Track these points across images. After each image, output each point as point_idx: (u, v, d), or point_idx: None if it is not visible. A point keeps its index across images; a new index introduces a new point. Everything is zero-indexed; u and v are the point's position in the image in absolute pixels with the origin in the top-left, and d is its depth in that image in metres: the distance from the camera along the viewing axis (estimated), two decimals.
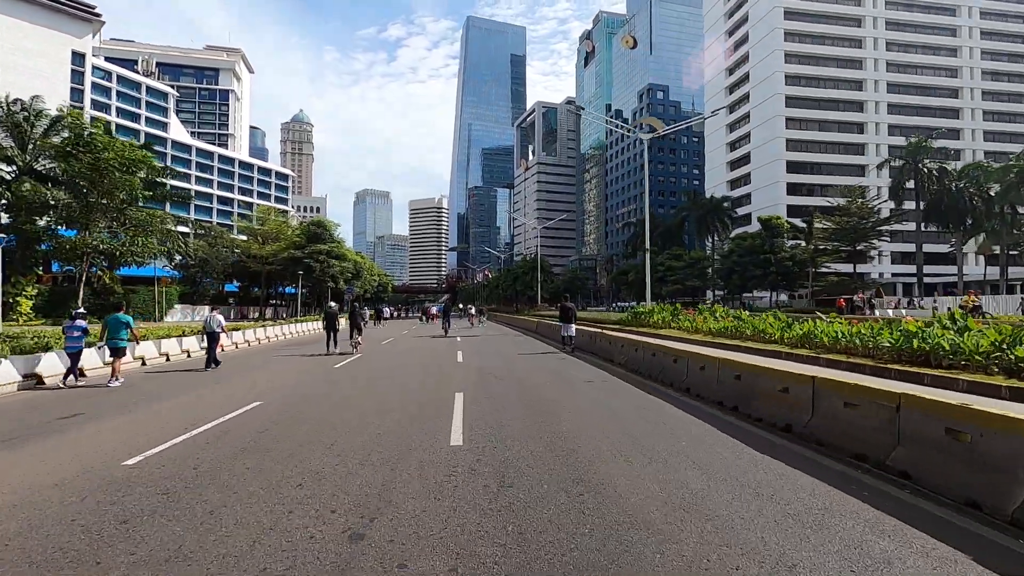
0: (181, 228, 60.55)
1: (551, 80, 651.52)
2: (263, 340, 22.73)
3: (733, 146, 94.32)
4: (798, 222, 53.67)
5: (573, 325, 19.71)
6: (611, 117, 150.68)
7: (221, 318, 15.34)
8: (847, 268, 56.89)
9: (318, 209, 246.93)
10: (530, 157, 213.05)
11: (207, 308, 52.33)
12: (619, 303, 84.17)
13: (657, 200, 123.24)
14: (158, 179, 40.93)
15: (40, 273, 35.53)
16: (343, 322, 21.59)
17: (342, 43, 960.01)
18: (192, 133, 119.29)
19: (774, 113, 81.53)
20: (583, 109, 27.12)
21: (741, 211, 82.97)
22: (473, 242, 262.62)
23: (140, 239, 22.77)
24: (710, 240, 77.02)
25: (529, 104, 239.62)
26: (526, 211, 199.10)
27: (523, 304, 69.09)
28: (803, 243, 53.84)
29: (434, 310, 54.45)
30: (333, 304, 22.23)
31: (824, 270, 54.10)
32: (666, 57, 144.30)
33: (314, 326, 32.35)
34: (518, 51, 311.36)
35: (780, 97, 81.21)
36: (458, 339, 22.89)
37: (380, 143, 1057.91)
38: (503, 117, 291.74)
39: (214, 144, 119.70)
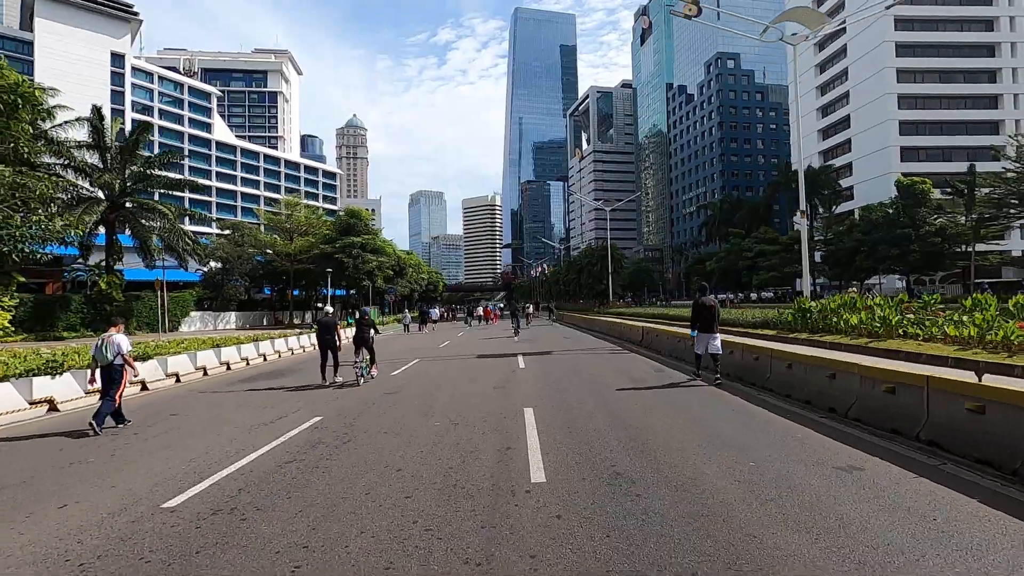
0: (191, 227, 55.30)
1: (601, 72, 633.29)
2: (214, 369, 14.64)
3: (825, 111, 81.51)
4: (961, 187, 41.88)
5: (718, 336, 11.11)
6: (673, 95, 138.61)
7: (123, 341, 7.73)
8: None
9: (373, 211, 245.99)
10: (584, 146, 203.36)
11: (233, 315, 46.74)
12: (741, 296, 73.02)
13: (731, 181, 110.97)
14: (151, 171, 34.87)
15: (22, 279, 29.89)
16: (346, 335, 13.73)
17: (394, 51, 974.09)
18: (242, 137, 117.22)
19: (881, 65, 68.56)
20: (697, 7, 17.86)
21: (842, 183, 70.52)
22: (527, 238, 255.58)
23: (36, 217, 15.49)
24: (809, 219, 65.43)
25: (581, 92, 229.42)
26: (582, 203, 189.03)
27: (590, 300, 59.95)
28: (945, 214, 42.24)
29: (480, 310, 46.87)
30: (330, 310, 14.37)
31: (980, 247, 42.24)
32: (736, 22, 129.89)
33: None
34: (568, 40, 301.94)
35: (889, 46, 68.15)
36: (520, 362, 14.43)
37: (432, 147, 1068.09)
38: (554, 109, 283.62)
39: (265, 147, 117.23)
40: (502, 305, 75.65)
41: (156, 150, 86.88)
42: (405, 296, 68.00)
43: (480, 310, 46.91)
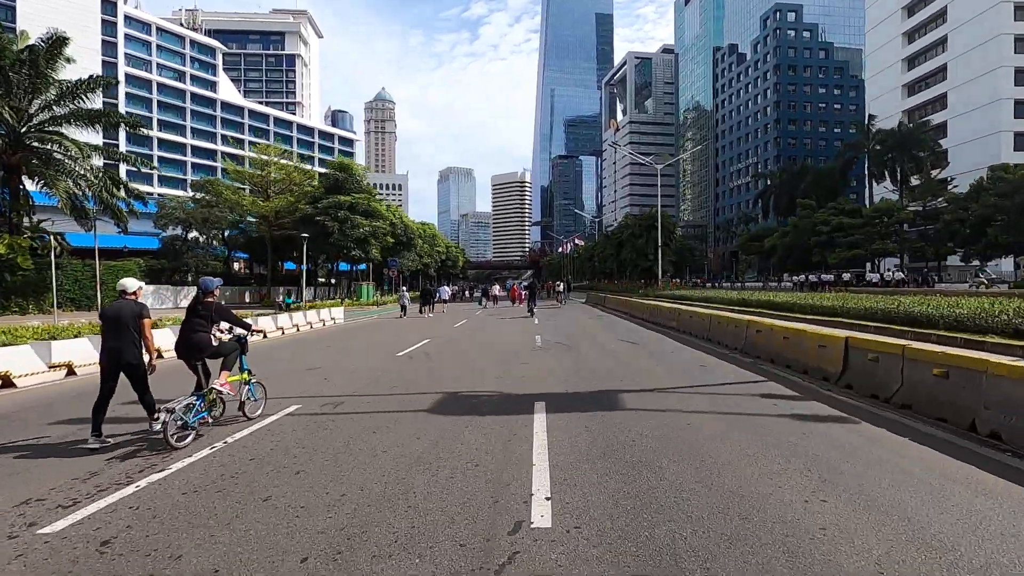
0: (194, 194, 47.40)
1: (637, 47, 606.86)
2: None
3: (912, 62, 69.12)
4: None
5: None
6: (722, 56, 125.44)
7: None
8: None
9: (399, 187, 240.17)
10: (619, 118, 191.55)
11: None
12: (799, 279, 60.53)
13: (787, 151, 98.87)
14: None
15: None
16: (146, 340, 5.28)
17: (426, 26, 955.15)
18: (260, 103, 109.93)
19: (993, 1, 56.20)
20: None
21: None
22: (557, 215, 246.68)
23: None
24: (898, 187, 54.69)
25: (617, 62, 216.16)
26: (616, 178, 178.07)
27: (632, 280, 50.64)
28: None
29: (496, 289, 38.42)
30: (132, 284, 5.68)
31: None
32: None
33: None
34: (604, 9, 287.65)
35: None
36: (538, 471, 4.33)
37: (463, 124, 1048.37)
38: (588, 81, 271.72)
39: (279, 111, 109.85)
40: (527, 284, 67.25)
41: (155, 109, 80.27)
42: (417, 272, 59.81)
43: (496, 289, 38.46)
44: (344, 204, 32.90)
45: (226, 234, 41.03)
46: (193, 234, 35.77)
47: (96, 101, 27.26)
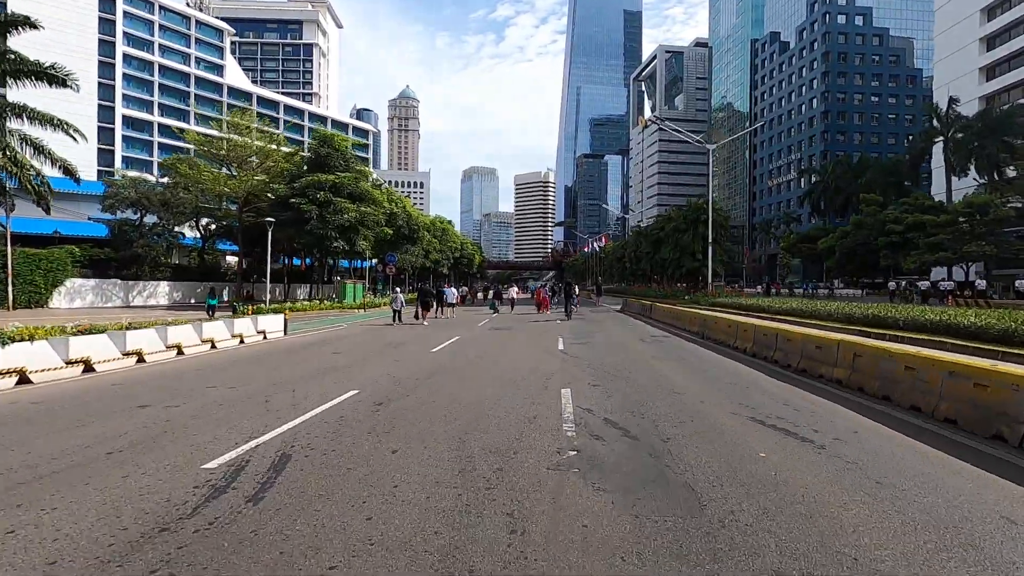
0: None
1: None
2: None
3: (992, 42, 60.70)
4: None
5: None
6: (763, 45, 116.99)
7: None
8: None
9: (421, 184, 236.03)
10: (647, 114, 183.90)
11: (164, 286, 33.11)
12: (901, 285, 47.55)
13: (835, 145, 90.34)
14: None
15: None
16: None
17: (454, 28, 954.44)
18: (277, 93, 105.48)
19: None
20: None
21: None
22: (581, 216, 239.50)
23: None
24: (989, 179, 46.83)
25: (646, 58, 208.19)
26: (643, 177, 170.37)
27: (669, 284, 43.69)
28: None
29: (514, 292, 32.15)
30: None
31: None
32: None
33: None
34: (632, 6, 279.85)
35: None
36: None
37: (487, 125, 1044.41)
38: (615, 79, 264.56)
39: (294, 100, 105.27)
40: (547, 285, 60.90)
41: (156, 92, 75.85)
42: (427, 270, 53.68)
43: (514, 292, 32.08)
44: (325, 184, 26.73)
45: (203, 222, 35.33)
46: (152, 219, 30.08)
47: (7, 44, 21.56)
